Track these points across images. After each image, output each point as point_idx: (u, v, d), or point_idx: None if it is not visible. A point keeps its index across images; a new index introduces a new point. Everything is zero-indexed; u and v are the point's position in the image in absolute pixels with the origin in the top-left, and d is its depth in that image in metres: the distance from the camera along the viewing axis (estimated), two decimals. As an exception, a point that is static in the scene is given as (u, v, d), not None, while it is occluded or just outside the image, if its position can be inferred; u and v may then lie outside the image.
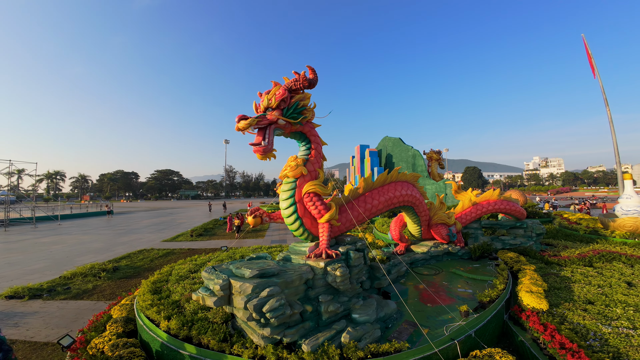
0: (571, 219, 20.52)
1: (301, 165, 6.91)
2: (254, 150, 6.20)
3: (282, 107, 6.37)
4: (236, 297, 5.31)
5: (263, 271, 5.67)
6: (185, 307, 7.34)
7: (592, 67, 19.44)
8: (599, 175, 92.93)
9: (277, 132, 6.54)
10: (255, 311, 4.98)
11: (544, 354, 5.83)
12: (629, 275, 9.70)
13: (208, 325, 6.22)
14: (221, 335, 5.79)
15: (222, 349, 5.50)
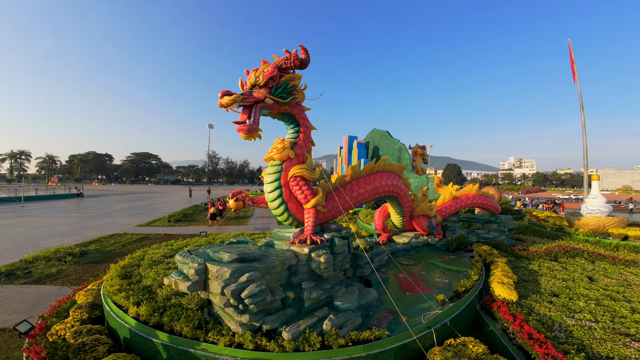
0: (540, 217, 21.76)
1: (288, 148, 6.62)
2: (237, 129, 5.84)
3: (271, 86, 6.07)
4: (212, 282, 5.05)
5: (243, 255, 5.42)
6: (157, 292, 6.99)
7: (574, 72, 20.31)
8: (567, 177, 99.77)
9: (264, 112, 6.21)
10: (233, 297, 4.75)
11: (512, 344, 6.09)
12: (590, 271, 10.41)
13: (182, 311, 5.91)
14: (196, 322, 5.52)
15: (196, 336, 5.25)
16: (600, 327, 6.43)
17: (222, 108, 5.57)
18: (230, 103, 5.47)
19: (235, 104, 5.60)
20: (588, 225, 17.09)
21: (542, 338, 5.71)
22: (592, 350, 5.59)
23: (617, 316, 6.91)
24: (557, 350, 5.30)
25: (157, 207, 35.13)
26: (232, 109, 5.69)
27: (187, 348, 5.22)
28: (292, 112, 6.81)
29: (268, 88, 6.02)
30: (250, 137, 5.95)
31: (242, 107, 5.91)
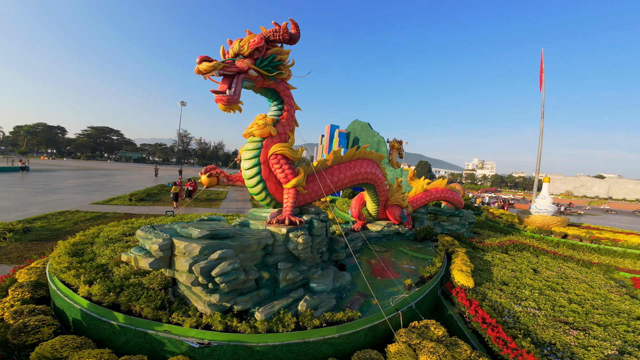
0: (495, 213, 23.75)
1: (270, 125, 6.34)
2: (215, 99, 5.46)
3: (256, 57, 5.73)
4: (179, 259, 4.70)
5: (215, 232, 5.12)
6: (113, 271, 6.44)
7: (541, 81, 21.92)
8: (520, 180, 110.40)
9: (246, 84, 5.87)
10: (202, 275, 4.47)
11: (468, 327, 6.62)
12: (535, 263, 11.64)
13: (142, 291, 5.49)
14: (158, 302, 5.16)
15: (158, 317, 4.92)
16: (542, 315, 7.20)
17: (200, 75, 5.13)
18: (209, 70, 5.05)
19: (214, 72, 5.18)
20: (535, 222, 19.04)
21: (494, 323, 6.28)
22: (536, 336, 6.24)
23: (557, 305, 7.80)
24: (507, 335, 5.85)
25: (117, 185, 31.92)
26: (210, 77, 5.27)
27: (147, 330, 4.88)
28: (277, 89, 6.52)
29: (253, 59, 5.68)
30: (230, 108, 5.57)
31: (222, 77, 5.51)
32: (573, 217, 37.37)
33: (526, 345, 5.46)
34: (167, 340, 4.86)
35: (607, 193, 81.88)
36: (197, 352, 4.78)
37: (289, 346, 4.98)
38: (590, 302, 8.08)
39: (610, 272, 11.13)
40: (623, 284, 9.86)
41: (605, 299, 8.40)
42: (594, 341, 6.02)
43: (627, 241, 15.13)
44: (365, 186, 10.40)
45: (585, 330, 6.51)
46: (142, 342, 5.00)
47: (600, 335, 6.30)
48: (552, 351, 5.67)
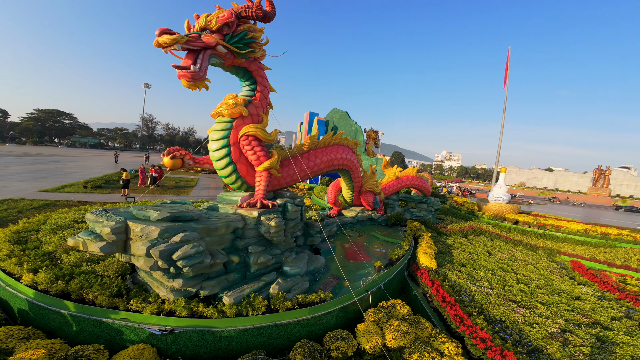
0: (458, 201, 25.20)
1: (241, 105, 5.96)
2: (178, 75, 4.97)
3: (225, 33, 5.32)
4: (135, 243, 4.31)
5: (177, 214, 4.75)
6: (62, 259, 5.87)
7: (506, 77, 22.93)
8: (482, 172, 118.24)
9: (214, 61, 5.46)
10: (162, 258, 4.14)
11: (430, 306, 6.95)
12: (490, 247, 12.50)
13: (95, 279, 5.05)
14: (114, 289, 4.78)
15: (114, 304, 4.56)
16: (494, 294, 7.73)
17: (160, 49, 4.66)
18: (170, 43, 4.58)
19: (176, 46, 4.71)
20: (491, 210, 20.47)
21: (453, 301, 6.63)
22: (489, 314, 6.69)
23: (507, 285, 8.43)
24: (464, 312, 6.22)
25: (70, 172, 28.11)
26: (172, 51, 4.79)
27: (103, 318, 4.51)
28: (249, 68, 6.14)
29: (222, 35, 5.30)
30: (195, 85, 5.13)
31: (186, 52, 5.07)
32: (524, 205, 40.96)
33: (480, 322, 5.84)
34: (125, 328, 4.53)
35: (554, 185, 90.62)
36: (160, 339, 4.51)
37: (259, 329, 4.87)
38: (535, 282, 8.83)
39: (552, 256, 12.28)
40: (563, 267, 10.92)
41: (548, 279, 9.22)
42: (539, 319, 6.55)
43: (568, 227, 16.82)
44: (341, 172, 10.34)
45: (531, 308, 7.08)
46: (98, 332, 4.64)
47: (543, 313, 6.87)
48: (502, 328, 6.10)
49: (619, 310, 7.36)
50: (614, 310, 7.35)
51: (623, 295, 8.15)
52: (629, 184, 77.66)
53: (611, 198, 68.91)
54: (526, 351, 5.40)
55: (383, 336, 5.55)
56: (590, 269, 10.54)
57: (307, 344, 4.95)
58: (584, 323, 6.62)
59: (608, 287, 8.74)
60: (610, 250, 13.86)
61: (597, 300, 7.88)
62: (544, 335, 5.91)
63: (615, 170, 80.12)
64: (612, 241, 15.15)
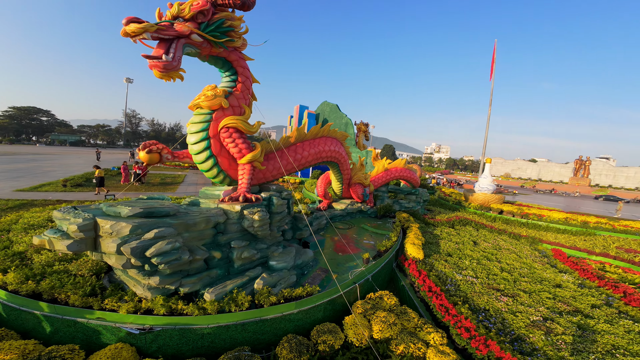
0: (446, 192, 25.52)
1: (220, 96, 5.70)
2: (150, 65, 4.70)
3: (200, 21, 5.07)
4: (105, 240, 4.09)
5: (151, 210, 4.51)
6: (33, 259, 5.60)
7: (492, 70, 23.00)
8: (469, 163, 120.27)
9: (189, 51, 5.21)
10: (134, 256, 3.93)
11: (417, 296, 6.95)
12: (475, 236, 12.67)
13: (68, 278, 4.83)
14: (87, 288, 4.58)
15: (88, 304, 4.35)
16: (479, 283, 7.80)
17: (129, 38, 4.43)
18: (138, 32, 4.34)
19: (145, 35, 4.46)
20: (477, 200, 20.81)
21: (439, 291, 6.63)
22: (473, 303, 6.74)
23: (491, 273, 8.51)
24: (449, 302, 6.22)
25: (48, 171, 26.46)
26: (142, 41, 4.55)
27: (77, 318, 4.28)
28: (229, 58, 5.88)
29: (196, 23, 5.04)
30: (168, 76, 4.88)
31: (158, 41, 4.82)
32: (509, 195, 41.92)
33: (465, 311, 5.85)
34: (101, 328, 4.33)
35: (537, 175, 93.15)
36: (138, 338, 4.32)
37: (244, 325, 4.72)
38: (518, 270, 8.97)
39: (535, 244, 12.55)
40: (545, 255, 11.16)
41: (531, 267, 9.39)
42: (522, 307, 6.63)
43: (550, 217, 17.27)
44: (330, 164, 10.15)
45: (514, 296, 7.17)
46: (73, 332, 4.44)
47: (526, 301, 6.96)
48: (486, 317, 6.15)
49: (599, 298, 7.52)
50: (594, 297, 7.50)
51: (602, 283, 8.33)
52: (607, 174, 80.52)
53: (591, 187, 71.39)
54: (509, 340, 5.44)
55: (370, 328, 5.50)
56: (571, 257, 10.78)
57: (293, 338, 4.84)
58: (565, 311, 6.71)
59: (588, 274, 8.94)
60: (590, 239, 14.29)
61: (577, 288, 8.03)
62: (527, 324, 5.97)
63: (595, 160, 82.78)
64: (592, 229, 15.64)
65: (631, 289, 7.91)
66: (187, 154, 6.28)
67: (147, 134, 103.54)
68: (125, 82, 68.08)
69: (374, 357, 5.01)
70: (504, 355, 4.69)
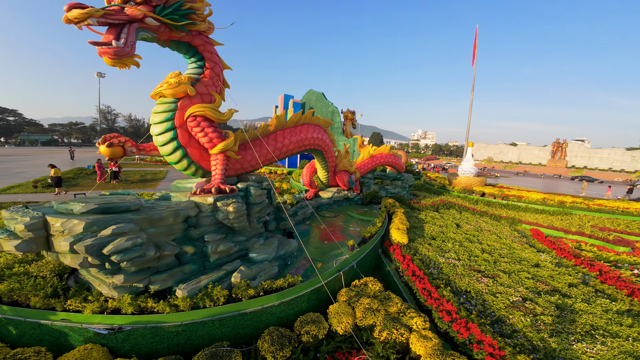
0: (431, 177, 25.72)
1: (186, 84, 5.29)
2: (99, 52, 4.29)
3: (155, 4, 4.68)
4: (57, 239, 3.76)
5: (108, 206, 4.14)
6: None
7: (474, 56, 22.76)
8: (454, 149, 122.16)
9: (145, 35, 4.80)
10: (90, 254, 3.61)
11: (402, 281, 6.87)
12: (458, 219, 12.76)
13: (29, 280, 4.47)
14: (48, 290, 4.26)
15: (50, 305, 4.04)
16: (461, 265, 7.79)
17: (72, 25, 4.03)
18: (82, 18, 3.94)
19: (90, 21, 4.05)
20: (460, 183, 21.05)
21: (422, 275, 6.55)
22: (455, 285, 6.70)
23: (472, 255, 8.53)
24: (432, 285, 6.15)
25: (18, 172, 24.60)
26: (90, 27, 4.14)
27: (40, 320, 3.94)
28: (193, 42, 5.45)
29: (150, 6, 4.65)
30: (121, 63, 4.47)
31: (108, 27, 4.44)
32: (492, 178, 42.93)
33: (447, 294, 5.79)
34: (68, 329, 4.03)
35: (518, 158, 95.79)
36: (109, 338, 4.03)
37: (221, 320, 4.48)
38: (499, 251, 9.05)
39: (514, 225, 12.77)
40: (524, 235, 11.35)
41: (510, 248, 9.50)
42: (501, 288, 6.65)
43: (529, 197, 17.66)
44: (314, 153, 9.79)
45: (494, 277, 7.19)
46: (39, 334, 4.14)
47: (506, 282, 6.98)
48: (467, 299, 6.13)
49: (576, 277, 7.58)
50: (570, 276, 7.57)
51: (579, 261, 8.44)
52: (582, 156, 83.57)
53: (568, 169, 74.14)
54: (490, 322, 5.42)
55: (354, 315, 5.39)
56: (549, 236, 10.97)
57: (275, 331, 4.65)
58: (543, 291, 6.75)
59: (565, 253, 9.06)
60: (567, 218, 14.69)
61: (555, 267, 8.13)
62: (507, 305, 5.97)
63: (572, 143, 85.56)
64: (568, 209, 16.10)
65: (606, 267, 8.05)
66: (155, 147, 5.81)
67: (126, 130, 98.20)
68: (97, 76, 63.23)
69: (358, 344, 4.92)
70: (484, 338, 4.66)
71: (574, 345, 4.94)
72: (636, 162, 73.56)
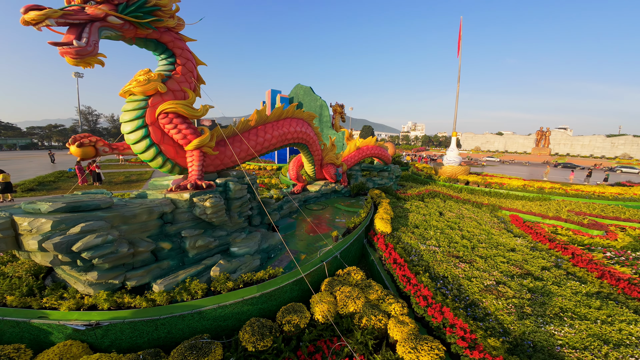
0: (419, 167, 26.00)
1: (156, 81, 5.18)
2: (61, 52, 4.18)
3: (117, 3, 4.59)
4: (26, 238, 3.74)
5: (76, 204, 4.09)
6: None
7: (459, 47, 22.75)
8: (443, 139, 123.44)
9: (109, 34, 4.70)
10: (59, 251, 3.61)
11: (384, 270, 6.97)
12: (442, 207, 12.94)
13: (3, 280, 4.41)
14: (24, 289, 4.25)
15: (26, 304, 4.02)
16: (440, 251, 7.91)
17: (31, 27, 3.96)
18: (39, 20, 3.86)
19: (49, 22, 3.96)
20: (446, 172, 21.32)
21: (402, 262, 6.66)
22: (434, 271, 6.82)
23: (452, 242, 8.68)
24: (411, 272, 6.26)
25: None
26: (50, 28, 4.04)
27: (17, 318, 3.91)
28: (162, 39, 5.32)
29: (112, 5, 4.54)
30: (85, 62, 4.38)
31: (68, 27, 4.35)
32: (477, 167, 43.59)
33: (425, 280, 5.91)
34: (46, 326, 4.02)
35: (504, 147, 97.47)
36: (88, 334, 4.02)
37: (200, 313, 4.48)
38: (477, 237, 9.22)
39: (495, 211, 13.02)
40: (503, 220, 11.60)
41: (489, 234, 9.68)
42: (477, 272, 6.77)
43: (510, 184, 18.03)
44: (299, 146, 9.71)
45: (471, 262, 7.34)
46: (19, 332, 4.13)
47: (482, 267, 7.10)
48: (444, 284, 6.26)
49: (549, 260, 7.70)
50: (544, 260, 7.69)
51: (553, 245, 8.60)
52: (565, 143, 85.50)
53: (551, 156, 75.85)
54: (464, 306, 5.56)
55: (336, 304, 5.47)
56: (527, 221, 11.23)
57: (256, 321, 4.68)
58: (517, 274, 6.86)
59: (540, 237, 9.25)
60: (545, 204, 15.04)
61: (529, 251, 8.27)
62: (480, 289, 6.08)
63: (554, 131, 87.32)
64: (547, 195, 16.52)
65: (579, 250, 8.22)
66: (128, 145, 5.68)
67: (109, 131, 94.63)
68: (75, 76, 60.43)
69: (340, 331, 5.01)
70: (457, 322, 4.78)
71: (543, 327, 5.04)
72: (616, 148, 75.74)
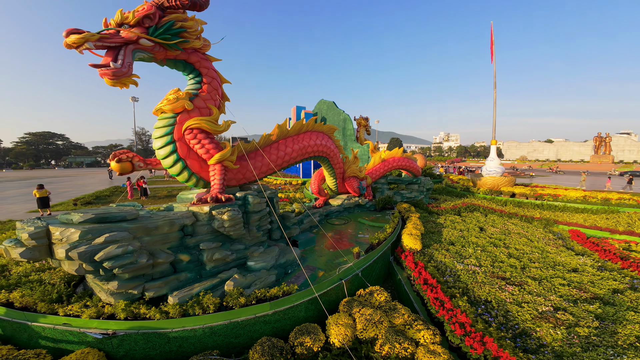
0: (454, 179, 23.99)
1: (184, 99, 5.51)
2: (100, 74, 4.56)
3: (147, 26, 4.91)
4: (57, 247, 3.95)
5: (104, 215, 4.29)
6: (12, 270, 5.60)
7: (492, 52, 21.35)
8: (481, 149, 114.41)
9: (141, 56, 5.04)
10: (83, 260, 3.75)
11: (413, 290, 6.19)
12: (482, 222, 11.53)
13: (39, 287, 4.73)
14: (54, 295, 4.48)
15: (54, 310, 4.21)
16: (482, 272, 6.85)
17: (73, 49, 4.35)
18: (79, 43, 4.22)
19: (87, 45, 4.33)
20: (486, 184, 19.24)
21: (435, 283, 5.83)
22: (473, 294, 5.86)
23: (496, 261, 7.51)
24: (445, 294, 5.43)
25: (63, 192, 26.62)
26: (91, 51, 4.43)
27: (45, 324, 4.16)
28: (189, 60, 5.66)
29: (144, 28, 4.87)
30: (120, 82, 4.72)
31: (106, 50, 4.71)
32: (525, 178, 38.94)
33: (462, 304, 5.05)
34: (68, 333, 4.17)
35: (555, 156, 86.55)
36: (105, 343, 4.07)
37: (212, 329, 4.29)
38: (528, 255, 7.87)
39: (549, 226, 11.16)
40: (560, 236, 9.85)
41: (543, 251, 8.23)
42: (529, 297, 5.70)
43: (566, 196, 15.55)
44: (320, 160, 9.57)
45: (521, 285, 6.21)
46: (44, 337, 4.32)
47: (535, 290, 5.98)
48: (486, 309, 5.30)
49: (622, 281, 6.30)
50: (615, 281, 6.31)
51: (626, 264, 7.05)
52: (631, 149, 73.18)
53: (615, 164, 65.15)
54: (511, 335, 4.59)
55: (354, 327, 4.89)
56: (591, 237, 9.41)
57: (267, 341, 4.34)
58: (581, 298, 5.66)
59: (610, 255, 7.65)
60: (613, 217, 12.59)
61: (596, 272, 6.83)
62: (534, 316, 5.04)
63: (616, 136, 75.53)
64: (614, 206, 13.83)
65: None
66: (159, 160, 6.07)
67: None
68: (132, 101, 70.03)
69: (358, 358, 4.41)
70: (502, 354, 3.91)
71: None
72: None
